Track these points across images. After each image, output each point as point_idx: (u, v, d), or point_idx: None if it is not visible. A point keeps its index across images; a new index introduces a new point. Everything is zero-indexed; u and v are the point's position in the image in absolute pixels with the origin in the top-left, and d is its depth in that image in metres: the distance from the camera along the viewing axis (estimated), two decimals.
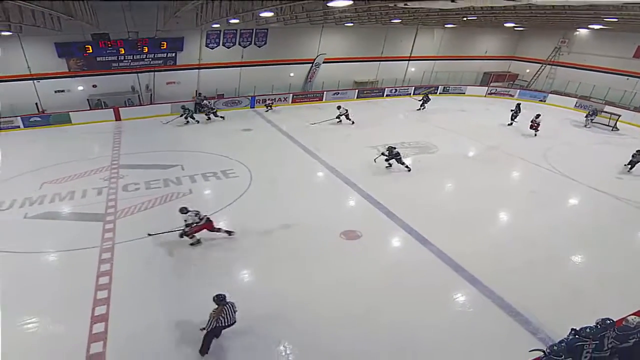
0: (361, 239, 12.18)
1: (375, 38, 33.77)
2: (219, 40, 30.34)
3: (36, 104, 28.27)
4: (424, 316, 8.96)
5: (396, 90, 34.73)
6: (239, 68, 32.04)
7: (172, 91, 30.78)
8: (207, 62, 31.04)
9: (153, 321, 9.05)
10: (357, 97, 33.57)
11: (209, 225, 12.00)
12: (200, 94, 30.61)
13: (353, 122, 25.02)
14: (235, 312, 7.93)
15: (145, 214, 14.09)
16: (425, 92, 29.72)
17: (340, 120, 24.88)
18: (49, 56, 27.03)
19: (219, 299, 7.85)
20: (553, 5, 16.68)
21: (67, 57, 27.46)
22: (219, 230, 12.21)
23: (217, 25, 25.64)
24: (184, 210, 11.83)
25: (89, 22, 22.10)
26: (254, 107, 30.77)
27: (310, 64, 33.64)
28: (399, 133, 22.69)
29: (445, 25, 32.07)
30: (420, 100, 29.03)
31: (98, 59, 28.02)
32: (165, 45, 28.73)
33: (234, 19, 17.95)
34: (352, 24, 27.96)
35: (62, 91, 28.73)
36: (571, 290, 9.84)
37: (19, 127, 26.30)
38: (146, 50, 28.52)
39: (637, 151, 16.39)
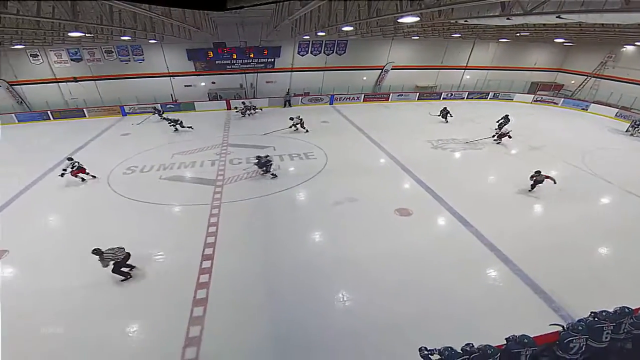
0: (412, 216, 11.87)
1: (437, 49, 32.14)
2: (308, 49, 30.55)
3: (171, 95, 30.42)
4: (459, 286, 8.62)
5: (452, 94, 32.99)
6: (323, 72, 32.11)
7: (270, 88, 31.65)
8: (297, 67, 31.44)
9: (248, 262, 9.58)
10: (417, 99, 32.35)
11: (81, 170, 14.76)
12: (287, 92, 31.12)
13: (307, 130, 21.57)
14: (118, 249, 8.74)
15: (244, 182, 14.67)
16: (444, 107, 24.81)
17: (297, 129, 21.67)
18: (182, 59, 28.85)
19: (96, 252, 8.50)
20: (602, 24, 14.94)
21: (194, 60, 29.18)
22: (87, 173, 15.01)
23: (307, 37, 25.84)
24: (68, 159, 14.81)
25: (212, 33, 23.15)
26: (332, 104, 30.77)
27: (380, 70, 32.91)
28: (452, 131, 21.57)
29: (500, 40, 29.88)
30: (438, 114, 24.24)
31: (217, 62, 29.44)
32: (266, 52, 29.50)
33: (321, 32, 17.96)
34: (417, 37, 26.90)
35: (190, 86, 30.62)
36: (594, 278, 8.97)
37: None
38: (252, 56, 29.50)
39: (535, 172, 13.48)
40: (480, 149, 18.47)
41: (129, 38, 19.03)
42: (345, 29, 15.59)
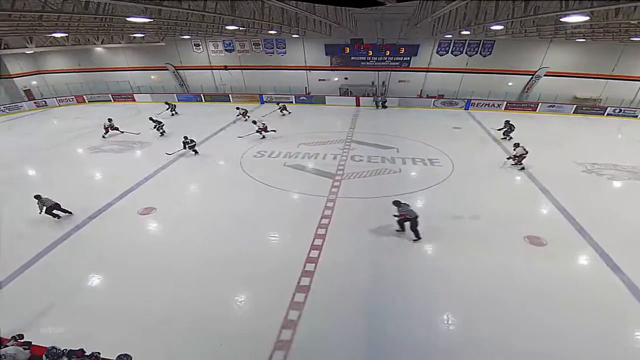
0: (545, 247, 10.40)
1: (607, 55, 27.31)
2: (449, 49, 29.30)
3: (305, 87, 32.47)
4: (594, 339, 7.27)
5: (621, 110, 27.78)
6: (462, 74, 30.43)
7: (401, 88, 31.34)
8: (434, 67, 30.43)
9: (354, 259, 9.75)
10: (573, 112, 28.20)
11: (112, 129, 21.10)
12: (375, 92, 30.48)
13: (274, 130, 20.94)
14: (49, 199, 11.47)
15: (363, 180, 14.87)
16: (507, 120, 20.83)
17: (264, 136, 20.48)
18: (319, 54, 30.61)
19: (37, 197, 11.40)
20: None
21: (330, 55, 30.65)
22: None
23: (449, 36, 24.75)
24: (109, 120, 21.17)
25: (350, 29, 23.92)
26: (468, 109, 29.01)
27: (531, 76, 29.61)
28: (615, 154, 17.95)
29: None
30: (500, 129, 20.81)
31: (352, 58, 30.41)
32: (403, 50, 29.28)
33: (466, 30, 17.02)
34: (583, 40, 23.32)
35: (324, 80, 32.28)
36: None
37: (292, 102, 30.70)
38: (388, 53, 29.64)
39: None
40: None
41: (275, 32, 20.87)
42: (495, 28, 14.51)
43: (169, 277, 9.07)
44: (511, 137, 20.11)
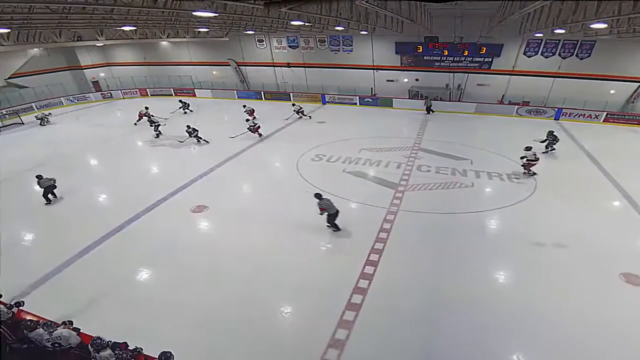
0: None
1: None
2: (538, 49, 27.56)
3: (371, 88, 32.39)
4: None
5: None
6: (552, 78, 28.46)
7: (480, 92, 30.07)
8: (520, 69, 28.82)
9: (413, 280, 9.51)
10: None
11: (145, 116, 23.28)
12: (427, 97, 29.18)
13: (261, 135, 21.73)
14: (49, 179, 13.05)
15: (429, 193, 14.47)
16: (551, 131, 19.46)
17: (261, 134, 21.67)
18: (388, 52, 30.36)
19: (38, 177, 12.85)
20: None
21: (401, 54, 30.27)
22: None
23: (540, 35, 23.32)
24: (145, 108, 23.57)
25: (425, 26, 23.44)
26: (558, 119, 27.06)
27: (638, 83, 26.97)
28: None
29: None
30: (543, 141, 19.24)
31: (425, 57, 29.74)
32: (484, 50, 28.02)
33: (560, 29, 15.92)
34: None
35: (392, 81, 32.00)
36: None
37: (355, 104, 30.86)
38: (466, 53, 28.52)
39: None
40: None
41: (342, 28, 21.05)
42: (596, 26, 13.40)
43: (218, 278, 9.54)
44: (554, 149, 19.36)
